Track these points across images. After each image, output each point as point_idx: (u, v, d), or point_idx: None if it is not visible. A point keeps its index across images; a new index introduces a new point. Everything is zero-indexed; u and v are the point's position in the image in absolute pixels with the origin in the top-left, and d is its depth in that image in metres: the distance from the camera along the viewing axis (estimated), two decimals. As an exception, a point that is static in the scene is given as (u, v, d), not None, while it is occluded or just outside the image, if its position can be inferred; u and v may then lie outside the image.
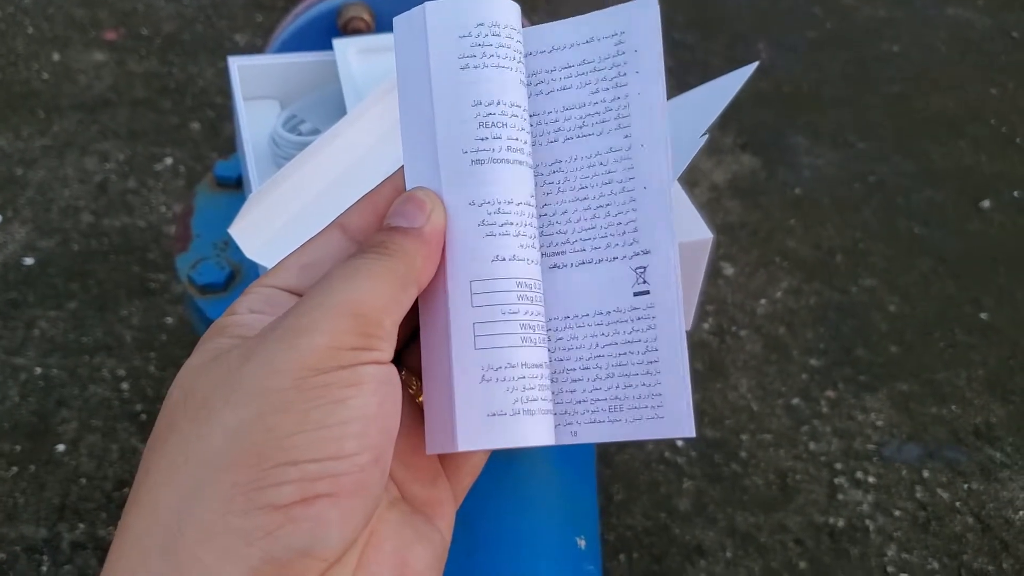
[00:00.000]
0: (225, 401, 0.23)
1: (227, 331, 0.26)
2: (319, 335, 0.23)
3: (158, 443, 0.23)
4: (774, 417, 1.25)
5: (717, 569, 1.09)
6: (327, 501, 0.22)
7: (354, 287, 0.24)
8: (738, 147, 1.70)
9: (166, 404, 0.24)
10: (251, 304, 0.26)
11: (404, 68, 0.29)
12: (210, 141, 1.63)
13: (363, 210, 0.28)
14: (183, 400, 0.24)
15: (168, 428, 0.23)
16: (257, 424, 0.22)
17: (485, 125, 0.27)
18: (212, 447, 0.22)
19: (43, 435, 1.16)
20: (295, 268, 0.27)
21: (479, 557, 0.53)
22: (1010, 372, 1.32)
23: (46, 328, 1.29)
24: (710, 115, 0.39)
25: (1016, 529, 1.14)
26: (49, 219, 1.46)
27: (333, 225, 0.28)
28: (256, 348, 0.23)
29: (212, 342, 0.25)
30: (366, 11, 0.77)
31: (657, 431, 0.27)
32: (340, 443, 0.22)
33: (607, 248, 0.28)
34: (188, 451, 0.22)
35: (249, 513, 0.21)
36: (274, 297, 0.27)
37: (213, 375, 0.24)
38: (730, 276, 1.44)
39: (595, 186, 0.29)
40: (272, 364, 0.23)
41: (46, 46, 1.84)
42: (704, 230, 0.47)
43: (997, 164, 1.70)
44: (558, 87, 0.29)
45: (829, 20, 2.07)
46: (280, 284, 0.27)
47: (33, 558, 1.05)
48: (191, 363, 0.25)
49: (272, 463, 0.21)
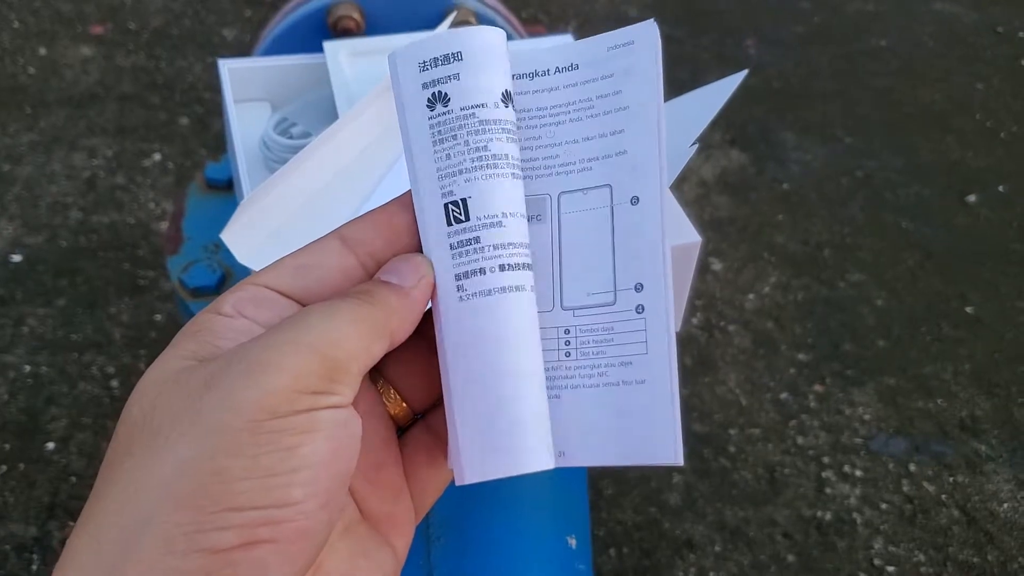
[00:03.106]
0: (181, 433, 0.22)
1: (201, 336, 0.25)
2: (282, 375, 0.23)
3: (113, 466, 0.23)
4: (762, 411, 1.26)
5: (707, 563, 1.10)
6: (268, 547, 0.22)
7: (330, 327, 0.24)
8: (727, 143, 1.70)
9: (124, 418, 0.24)
10: (238, 302, 0.26)
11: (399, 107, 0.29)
12: (199, 136, 1.63)
13: (365, 225, 0.28)
14: (141, 421, 0.23)
15: (124, 451, 0.23)
16: (207, 464, 0.22)
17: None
18: (161, 482, 0.22)
19: (32, 433, 1.16)
20: (290, 268, 0.27)
21: (470, 558, 0.53)
22: (996, 366, 1.33)
23: (35, 325, 1.29)
24: (699, 124, 0.39)
25: (1001, 521, 1.15)
26: (37, 215, 1.46)
27: (333, 234, 0.28)
28: (219, 377, 0.23)
29: (183, 347, 0.25)
30: (356, 10, 0.77)
31: (645, 457, 0.27)
32: (287, 490, 0.22)
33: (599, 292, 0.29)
34: (138, 482, 0.22)
35: (188, 555, 0.21)
36: (263, 297, 0.26)
37: (173, 399, 0.23)
38: (718, 271, 1.45)
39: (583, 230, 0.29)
40: (231, 400, 0.22)
41: (32, 40, 1.83)
42: (693, 233, 0.47)
43: (983, 158, 1.71)
44: (550, 122, 0.30)
45: (817, 15, 2.07)
46: (272, 284, 0.27)
47: (23, 556, 1.05)
48: (155, 374, 0.24)
49: (217, 507, 0.21)
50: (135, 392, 0.24)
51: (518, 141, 0.29)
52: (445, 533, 0.52)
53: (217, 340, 0.25)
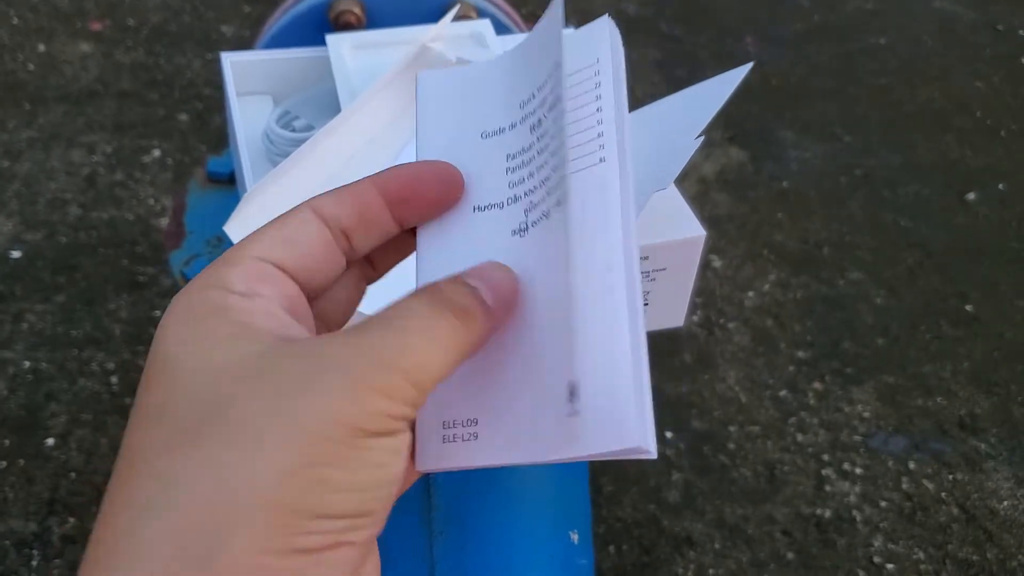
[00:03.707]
0: (279, 436, 0.22)
1: (230, 315, 0.24)
2: (380, 399, 0.23)
3: (180, 448, 0.22)
4: (762, 409, 1.26)
5: (706, 560, 1.10)
6: (349, 548, 0.23)
7: (428, 353, 0.24)
8: (726, 140, 1.70)
9: (188, 398, 0.23)
10: (247, 279, 0.25)
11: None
12: (198, 133, 1.63)
13: (338, 200, 0.28)
14: (216, 408, 0.23)
15: (194, 434, 0.22)
16: (309, 473, 0.22)
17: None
18: (260, 485, 0.22)
19: (32, 429, 1.16)
20: (277, 241, 0.27)
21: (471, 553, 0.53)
22: (995, 364, 1.33)
23: (34, 321, 1.29)
24: (705, 116, 0.39)
25: (1000, 519, 1.15)
26: (36, 212, 1.45)
27: (305, 207, 0.28)
28: (315, 383, 0.23)
29: (214, 322, 0.24)
30: (357, 5, 0.77)
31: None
32: (372, 503, 0.23)
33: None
34: (229, 481, 0.22)
35: (284, 555, 0.22)
36: (266, 273, 0.26)
37: (261, 394, 0.23)
38: (718, 269, 1.45)
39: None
40: (332, 413, 0.22)
41: (31, 37, 1.82)
42: (697, 227, 0.47)
43: (983, 157, 1.71)
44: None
45: (816, 13, 2.07)
46: (267, 257, 0.26)
47: (23, 552, 1.05)
48: (217, 357, 0.23)
49: (314, 515, 0.22)
50: (189, 372, 0.23)
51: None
52: (448, 527, 0.52)
53: (256, 323, 0.24)
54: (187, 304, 0.25)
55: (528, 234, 0.27)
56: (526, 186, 0.28)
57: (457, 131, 0.31)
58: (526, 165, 0.29)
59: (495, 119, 0.31)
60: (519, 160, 0.29)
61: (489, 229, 0.29)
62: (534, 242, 0.27)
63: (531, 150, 0.29)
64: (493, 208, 0.29)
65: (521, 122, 0.30)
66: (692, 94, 0.42)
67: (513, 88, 0.31)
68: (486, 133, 0.31)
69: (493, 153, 0.30)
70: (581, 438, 0.23)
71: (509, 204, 0.29)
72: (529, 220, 0.28)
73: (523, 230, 0.28)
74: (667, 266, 0.47)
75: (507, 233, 0.28)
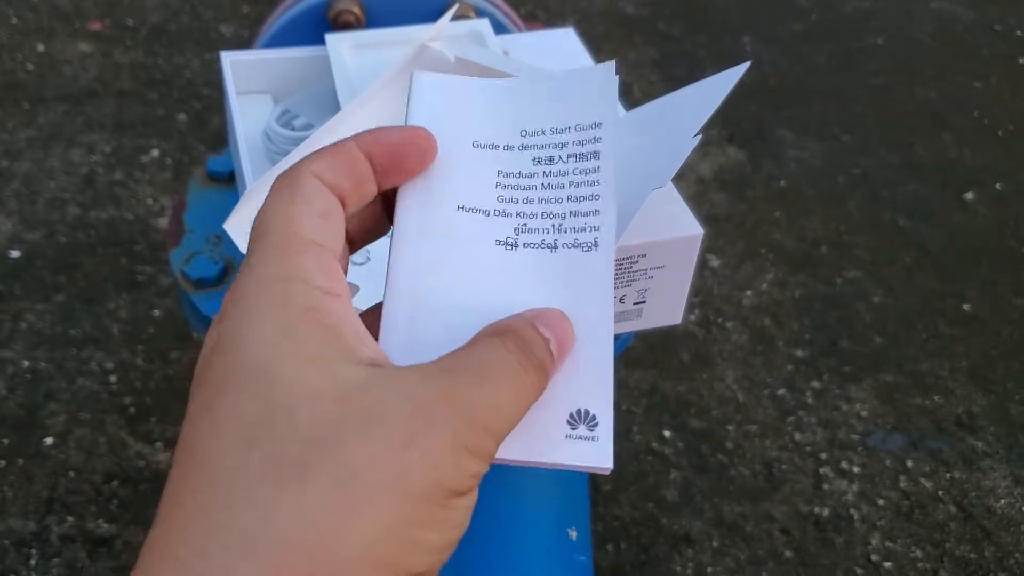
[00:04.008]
0: (386, 490, 0.22)
1: (320, 319, 0.24)
2: (474, 461, 0.23)
3: (292, 480, 0.21)
4: (760, 408, 1.26)
5: (704, 558, 1.10)
6: None
7: (514, 410, 0.24)
8: (724, 140, 1.71)
9: (292, 420, 0.22)
10: (326, 272, 0.25)
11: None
12: (197, 133, 1.63)
13: (337, 167, 0.27)
14: (323, 443, 0.22)
15: (296, 466, 0.21)
16: (409, 533, 0.22)
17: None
18: (363, 540, 0.21)
19: (31, 428, 1.16)
20: (316, 218, 0.26)
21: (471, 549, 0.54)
22: (992, 363, 1.34)
23: (33, 321, 1.29)
24: (703, 114, 0.39)
25: (997, 517, 1.15)
26: (35, 211, 1.45)
27: (306, 172, 0.26)
28: (421, 436, 0.22)
29: (307, 329, 0.23)
30: (356, 4, 0.77)
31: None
32: (443, 561, 0.23)
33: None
34: (333, 525, 0.21)
35: None
36: (334, 265, 0.25)
37: (367, 437, 0.22)
38: (716, 268, 1.45)
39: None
40: (436, 475, 0.22)
41: (30, 37, 1.83)
42: (694, 225, 0.47)
43: (980, 157, 1.71)
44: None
45: (815, 13, 2.08)
46: (320, 239, 0.25)
47: (22, 551, 1.05)
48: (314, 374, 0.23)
49: (399, 572, 0.22)
50: (288, 392, 0.22)
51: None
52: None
53: (343, 330, 0.24)
54: (271, 297, 0.24)
55: (519, 251, 0.30)
56: (520, 207, 0.31)
57: (448, 133, 0.32)
58: (524, 190, 0.31)
59: (489, 133, 0.32)
60: (514, 181, 0.31)
61: (471, 231, 0.30)
62: (530, 262, 0.29)
63: (533, 179, 0.31)
64: (477, 212, 0.30)
65: (521, 149, 0.32)
66: (690, 92, 0.42)
67: (517, 114, 0.33)
68: (478, 143, 0.32)
69: (483, 163, 0.31)
70: (574, 453, 0.27)
71: (495, 215, 0.30)
72: (520, 239, 0.30)
73: (511, 245, 0.30)
74: (665, 264, 0.47)
75: (490, 240, 0.30)
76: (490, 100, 0.33)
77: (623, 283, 0.47)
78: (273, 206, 0.26)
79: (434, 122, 0.32)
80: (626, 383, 1.27)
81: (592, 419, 0.27)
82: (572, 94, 0.33)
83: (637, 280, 0.48)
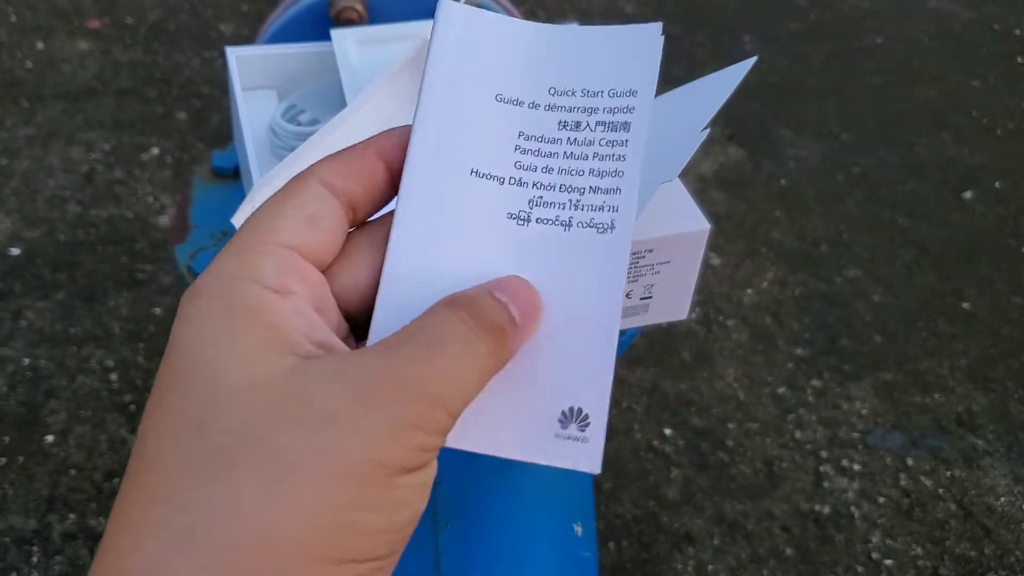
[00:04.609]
0: (313, 473, 0.21)
1: (261, 316, 0.23)
2: (421, 434, 0.22)
3: (224, 471, 0.21)
4: (760, 406, 1.26)
5: (705, 556, 1.10)
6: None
7: (467, 377, 0.23)
8: (725, 138, 1.71)
9: (226, 412, 0.22)
10: (280, 272, 0.24)
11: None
12: (196, 131, 1.63)
13: (348, 173, 0.26)
14: (253, 433, 0.21)
15: (223, 461, 0.21)
16: (345, 516, 0.21)
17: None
18: (296, 526, 0.21)
19: (32, 426, 1.16)
20: (301, 222, 0.25)
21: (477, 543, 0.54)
22: (991, 361, 1.34)
23: (33, 319, 1.29)
24: (710, 109, 0.39)
25: (997, 515, 1.16)
26: (35, 209, 1.45)
27: (313, 179, 0.26)
28: (355, 418, 0.22)
29: (254, 333, 0.23)
30: (358, 1, 0.77)
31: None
32: (398, 544, 0.23)
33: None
34: (263, 516, 0.21)
35: None
36: (297, 267, 0.24)
37: (296, 421, 0.22)
38: (717, 266, 1.46)
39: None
40: (374, 454, 0.22)
41: (29, 35, 1.82)
42: (701, 220, 0.48)
43: (979, 155, 1.71)
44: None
45: (814, 11, 2.08)
46: (294, 244, 0.25)
47: (23, 549, 1.05)
48: (239, 372, 0.22)
49: (345, 558, 0.22)
50: (225, 385, 0.22)
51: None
52: (453, 519, 0.53)
53: (286, 327, 0.23)
54: (218, 294, 0.24)
55: (530, 227, 0.27)
56: (538, 177, 0.28)
57: (471, 80, 0.29)
58: (544, 156, 0.28)
59: (515, 87, 0.29)
60: (535, 145, 0.28)
61: (481, 200, 0.27)
62: (540, 241, 0.27)
63: (556, 145, 0.28)
64: (492, 180, 0.28)
65: (548, 109, 0.29)
66: (697, 88, 0.43)
67: (547, 68, 0.29)
68: (502, 97, 0.29)
69: (505, 121, 0.28)
70: (560, 452, 0.25)
71: (511, 184, 0.28)
72: (533, 214, 0.27)
73: (523, 219, 0.27)
74: (671, 259, 0.47)
75: (502, 213, 0.27)
76: (521, 47, 0.29)
77: (630, 278, 0.47)
78: (263, 208, 0.26)
79: (457, 66, 0.29)
80: (627, 381, 1.27)
81: (584, 418, 0.25)
82: (610, 54, 0.30)
83: (644, 275, 0.48)
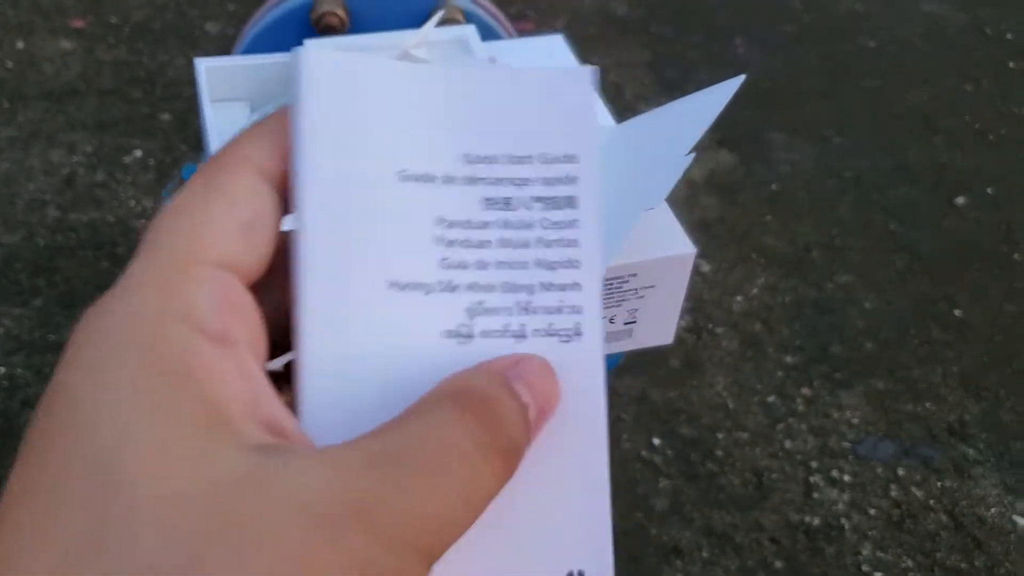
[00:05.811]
0: None
1: (198, 387, 0.17)
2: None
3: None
4: (750, 415, 1.25)
5: (694, 569, 1.08)
6: None
7: (464, 513, 0.18)
8: (715, 143, 1.69)
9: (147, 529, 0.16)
10: (218, 311, 0.18)
11: None
12: (180, 132, 1.60)
13: (270, 146, 0.20)
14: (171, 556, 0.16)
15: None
16: None
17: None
18: None
19: (8, 437, 1.14)
20: (234, 228, 0.19)
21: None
22: (984, 369, 1.33)
23: (11, 326, 1.26)
24: (696, 131, 0.38)
25: (988, 527, 1.14)
26: (14, 213, 1.43)
27: (245, 163, 0.20)
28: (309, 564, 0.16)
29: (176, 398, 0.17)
30: (340, 7, 0.75)
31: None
32: None
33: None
34: None
35: None
36: (236, 300, 0.19)
37: (237, 567, 0.16)
38: (707, 273, 1.44)
39: None
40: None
41: (10, 33, 1.80)
42: (687, 244, 0.46)
43: (971, 160, 1.70)
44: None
45: (807, 14, 2.06)
46: (230, 260, 0.19)
47: (-2, 563, 1.03)
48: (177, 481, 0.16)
49: None
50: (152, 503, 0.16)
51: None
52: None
53: (229, 403, 0.18)
54: (134, 342, 0.18)
55: (474, 344, 0.21)
56: (471, 276, 0.22)
57: (363, 156, 0.21)
58: (474, 248, 0.22)
59: (421, 156, 0.22)
60: (459, 233, 0.22)
61: (407, 318, 0.21)
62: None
63: (486, 230, 0.22)
64: (415, 290, 0.21)
65: (467, 182, 0.22)
66: (682, 107, 0.41)
67: (456, 126, 0.22)
68: (406, 173, 0.22)
69: (416, 205, 0.22)
70: None
71: (440, 290, 0.21)
72: (476, 326, 0.21)
73: (465, 336, 0.21)
74: (656, 283, 0.45)
75: (435, 332, 0.21)
76: (420, 101, 0.22)
77: (613, 303, 0.46)
78: (182, 205, 0.19)
79: (340, 139, 0.21)
80: (615, 390, 1.26)
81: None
82: (533, 108, 0.23)
83: (627, 300, 0.46)
